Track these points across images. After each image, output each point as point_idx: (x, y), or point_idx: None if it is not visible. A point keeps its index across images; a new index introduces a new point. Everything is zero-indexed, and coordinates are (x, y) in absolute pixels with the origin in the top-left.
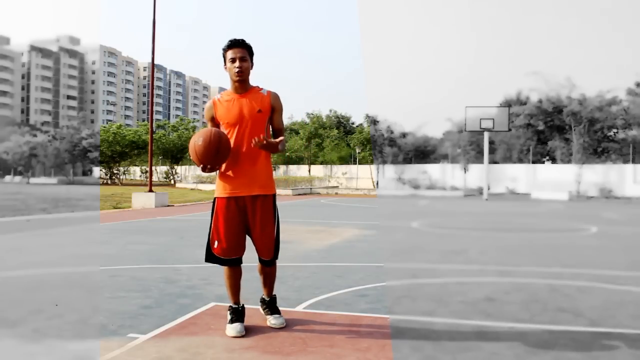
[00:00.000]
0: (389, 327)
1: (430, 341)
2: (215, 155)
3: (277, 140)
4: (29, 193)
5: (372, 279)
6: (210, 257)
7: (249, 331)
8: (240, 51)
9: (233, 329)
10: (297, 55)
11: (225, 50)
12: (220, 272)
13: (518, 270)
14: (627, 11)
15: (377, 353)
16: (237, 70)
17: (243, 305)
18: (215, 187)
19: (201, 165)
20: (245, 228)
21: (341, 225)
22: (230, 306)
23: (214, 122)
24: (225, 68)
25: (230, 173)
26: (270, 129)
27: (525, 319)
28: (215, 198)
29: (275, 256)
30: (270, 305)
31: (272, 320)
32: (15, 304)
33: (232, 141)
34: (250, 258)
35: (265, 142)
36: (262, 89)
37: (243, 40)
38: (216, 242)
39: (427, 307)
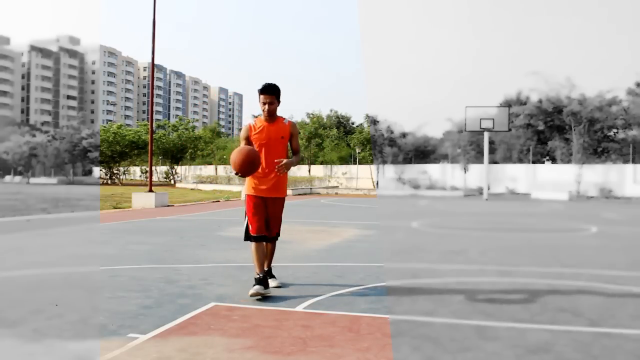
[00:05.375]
0: (389, 327)
1: (430, 341)
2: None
3: (292, 159)
4: (29, 193)
5: (372, 279)
6: (248, 236)
7: (249, 331)
8: (269, 97)
9: (253, 288)
10: (297, 55)
11: (259, 92)
12: (219, 272)
13: (518, 270)
14: (627, 11)
15: (377, 353)
16: (266, 112)
17: (265, 275)
18: (246, 186)
19: (235, 172)
20: (266, 216)
21: (341, 225)
22: (255, 276)
23: (247, 140)
24: (259, 103)
25: (258, 180)
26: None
27: (525, 319)
28: (247, 195)
29: (278, 234)
30: (269, 273)
31: (271, 283)
32: (15, 304)
33: (262, 157)
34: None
35: (284, 167)
36: (284, 119)
37: (271, 87)
38: (250, 225)
39: (427, 307)
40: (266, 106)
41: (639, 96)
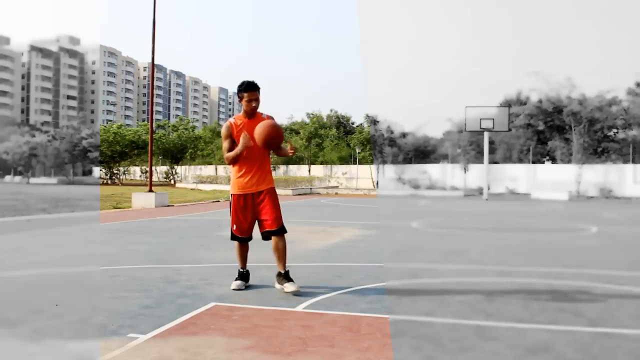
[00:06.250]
0: (389, 327)
1: (430, 341)
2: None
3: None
4: (29, 193)
5: (372, 279)
6: (233, 236)
7: (249, 331)
8: (254, 94)
9: (235, 284)
10: (297, 55)
11: (242, 91)
12: (219, 272)
13: (518, 270)
14: (627, 11)
15: (377, 353)
16: (250, 110)
17: (247, 270)
18: (231, 186)
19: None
20: (254, 215)
21: (341, 225)
22: (238, 270)
23: (231, 139)
24: (240, 101)
25: (242, 176)
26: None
27: (525, 319)
28: (232, 194)
29: (283, 227)
30: (286, 276)
31: (289, 287)
32: (15, 304)
33: (245, 153)
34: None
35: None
36: (262, 113)
37: (254, 84)
38: (234, 226)
39: (427, 307)
40: (252, 103)
41: (639, 96)
